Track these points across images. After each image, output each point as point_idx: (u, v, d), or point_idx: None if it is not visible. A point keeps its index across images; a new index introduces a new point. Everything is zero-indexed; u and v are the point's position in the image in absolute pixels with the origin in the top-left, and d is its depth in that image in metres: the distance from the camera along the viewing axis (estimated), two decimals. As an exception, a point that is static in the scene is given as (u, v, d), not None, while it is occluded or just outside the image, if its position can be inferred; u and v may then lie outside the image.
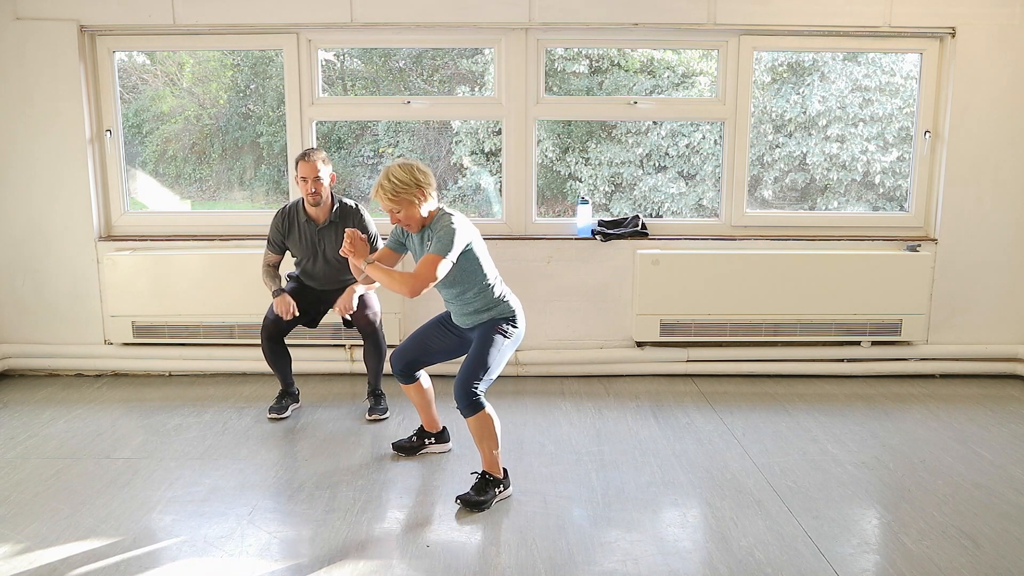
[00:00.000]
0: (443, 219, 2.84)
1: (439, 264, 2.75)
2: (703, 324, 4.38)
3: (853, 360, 4.46)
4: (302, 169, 3.58)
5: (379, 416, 3.76)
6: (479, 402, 2.83)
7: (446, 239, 2.77)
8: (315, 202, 3.64)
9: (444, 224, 2.81)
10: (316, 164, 3.58)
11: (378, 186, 2.81)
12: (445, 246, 2.76)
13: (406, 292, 2.76)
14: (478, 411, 2.83)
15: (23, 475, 3.14)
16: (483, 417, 2.85)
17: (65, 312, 4.47)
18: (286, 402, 3.84)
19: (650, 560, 2.51)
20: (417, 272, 2.76)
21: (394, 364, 3.15)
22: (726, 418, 3.80)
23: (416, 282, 2.75)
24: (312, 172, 3.57)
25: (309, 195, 3.61)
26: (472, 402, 2.82)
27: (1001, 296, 4.51)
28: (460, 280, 2.90)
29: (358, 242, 2.87)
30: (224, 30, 4.30)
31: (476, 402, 2.83)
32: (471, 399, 2.82)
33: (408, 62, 6.87)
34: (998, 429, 3.68)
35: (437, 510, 2.86)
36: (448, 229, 2.78)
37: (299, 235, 3.72)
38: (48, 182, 4.36)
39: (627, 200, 6.97)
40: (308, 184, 3.58)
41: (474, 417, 2.84)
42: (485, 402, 2.86)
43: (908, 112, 6.41)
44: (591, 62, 6.90)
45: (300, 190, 3.65)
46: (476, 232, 2.93)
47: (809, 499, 2.93)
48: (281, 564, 2.49)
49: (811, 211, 6.55)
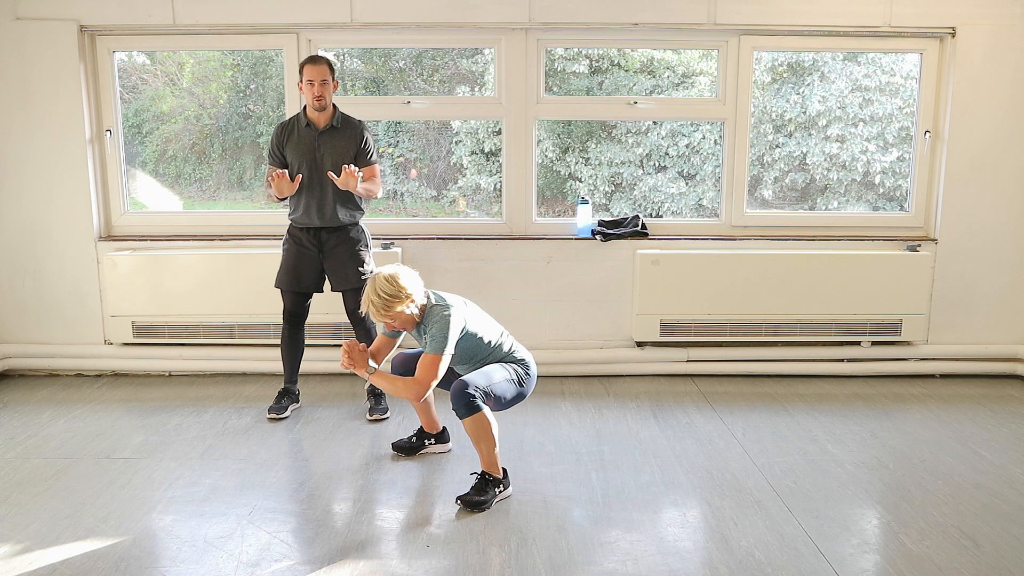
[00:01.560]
0: (433, 312, 2.92)
1: (438, 364, 2.86)
2: (703, 324, 4.38)
3: (853, 360, 4.46)
4: (309, 72, 3.59)
5: (380, 416, 3.76)
6: (475, 404, 2.83)
7: (439, 336, 2.86)
8: (320, 106, 3.63)
9: (435, 319, 2.89)
10: (324, 67, 3.60)
11: (368, 303, 2.88)
12: (440, 344, 2.86)
13: (411, 398, 2.92)
14: (474, 412, 2.83)
15: (23, 475, 3.14)
16: (479, 419, 2.84)
17: (65, 312, 4.47)
18: (286, 402, 3.84)
19: (650, 560, 2.51)
20: (418, 377, 2.88)
21: (394, 367, 3.16)
22: (726, 418, 3.80)
23: (419, 387, 2.89)
24: (320, 75, 3.59)
25: (315, 99, 3.61)
26: (468, 403, 2.82)
27: (1001, 296, 4.51)
28: (465, 358, 3.02)
29: (356, 353, 2.94)
30: (224, 30, 4.30)
31: (472, 404, 2.82)
32: (467, 400, 2.82)
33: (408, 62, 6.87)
34: (998, 429, 3.68)
35: (437, 510, 2.86)
36: (441, 325, 2.87)
37: (298, 139, 3.70)
38: (48, 182, 4.36)
39: (627, 200, 6.97)
40: (315, 87, 3.59)
41: (470, 418, 2.84)
42: (482, 404, 2.85)
43: (908, 112, 6.41)
44: (591, 62, 6.89)
45: (305, 94, 3.64)
46: (471, 309, 3.02)
47: (809, 499, 2.93)
48: (281, 564, 2.49)
49: (811, 211, 6.55)
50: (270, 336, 4.36)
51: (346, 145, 3.73)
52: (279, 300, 4.30)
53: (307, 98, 3.65)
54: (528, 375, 3.06)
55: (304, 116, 3.71)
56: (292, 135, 3.71)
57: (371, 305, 2.87)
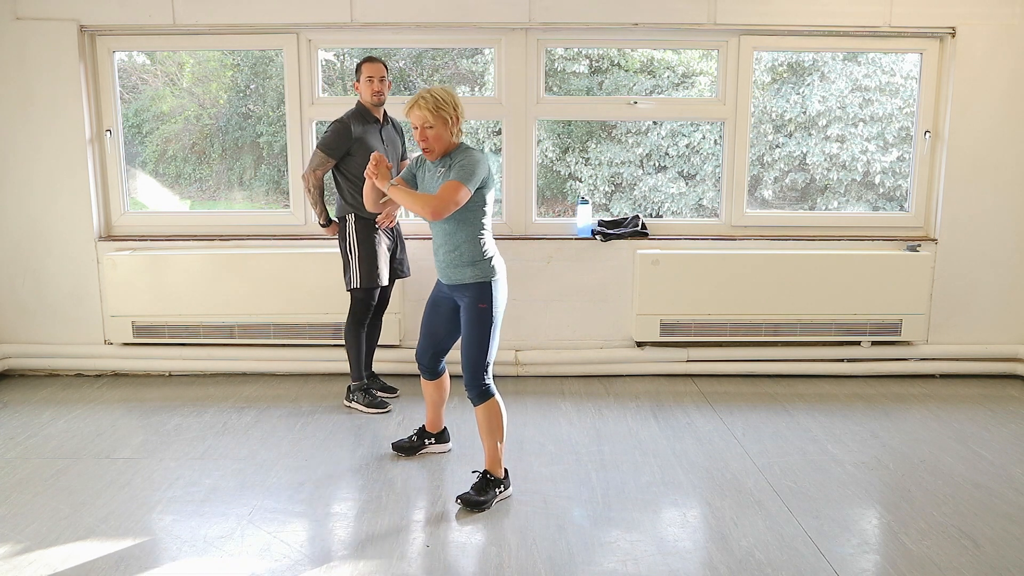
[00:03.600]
0: (468, 150, 2.88)
1: (461, 190, 2.77)
2: (703, 324, 4.38)
3: (853, 360, 4.46)
4: (369, 69, 3.74)
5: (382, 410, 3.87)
6: (489, 390, 2.89)
7: (470, 168, 2.80)
8: (380, 102, 3.79)
9: (468, 154, 2.85)
10: (382, 65, 3.77)
11: (418, 98, 2.82)
12: (468, 174, 2.79)
13: (428, 214, 2.78)
14: (488, 399, 2.89)
15: (23, 475, 3.14)
16: (492, 405, 2.90)
17: (65, 312, 4.47)
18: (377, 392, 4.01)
19: (650, 560, 2.51)
20: (440, 195, 2.77)
21: (420, 363, 3.16)
22: (726, 418, 3.80)
23: (439, 203, 2.76)
24: (379, 72, 3.75)
25: (375, 95, 3.75)
26: (483, 391, 2.88)
27: (1001, 296, 4.51)
28: (460, 216, 2.87)
29: (382, 165, 2.91)
30: (224, 30, 4.30)
31: (487, 390, 2.89)
32: (481, 387, 2.88)
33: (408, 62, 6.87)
34: (998, 429, 3.68)
35: (437, 510, 2.86)
36: (473, 159, 2.82)
37: (372, 133, 3.80)
38: (48, 182, 4.36)
39: (627, 200, 6.97)
40: (374, 83, 3.74)
41: (484, 405, 2.89)
42: (495, 391, 2.91)
43: (908, 112, 6.41)
44: (591, 62, 6.90)
45: (363, 91, 3.76)
46: (493, 176, 2.95)
47: (809, 499, 2.93)
48: (281, 564, 2.49)
49: (811, 211, 6.55)
50: (270, 336, 4.36)
51: (397, 139, 3.96)
52: (279, 300, 4.32)
53: (366, 95, 3.77)
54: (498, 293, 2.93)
55: (365, 112, 3.80)
56: (362, 130, 3.78)
57: (420, 100, 2.80)
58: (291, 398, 4.07)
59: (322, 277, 4.28)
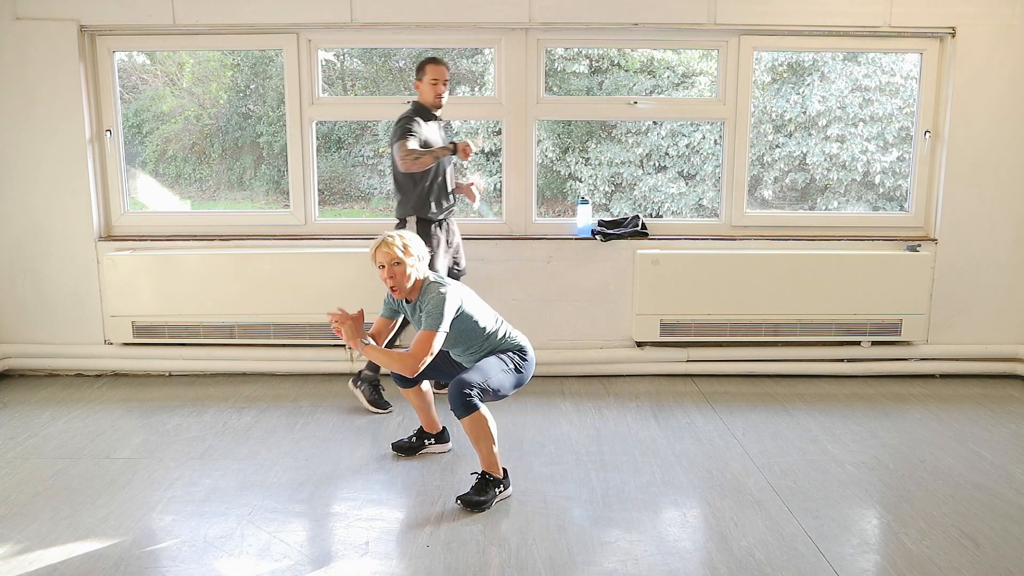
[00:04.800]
0: (430, 289, 2.92)
1: (433, 339, 2.85)
2: (703, 324, 4.38)
3: (853, 360, 4.46)
4: (435, 72, 3.76)
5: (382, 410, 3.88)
6: (472, 403, 2.82)
7: (436, 312, 2.85)
8: (441, 106, 3.82)
9: (432, 295, 2.89)
10: (445, 68, 3.79)
11: (382, 242, 2.90)
12: (435, 320, 2.85)
13: (405, 372, 2.87)
14: (471, 412, 2.83)
15: (23, 475, 3.14)
16: (477, 418, 2.84)
17: (65, 312, 4.47)
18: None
19: (650, 560, 2.51)
20: (413, 351, 2.86)
21: (395, 374, 3.16)
22: (726, 418, 3.80)
23: (413, 361, 2.85)
24: (445, 75, 3.78)
25: (438, 97, 3.78)
26: (465, 402, 2.82)
27: (1001, 296, 4.51)
28: (461, 340, 3.00)
29: (349, 322, 2.93)
30: (224, 30, 4.30)
31: (469, 403, 2.82)
32: (464, 399, 2.82)
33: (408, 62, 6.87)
34: (998, 429, 3.68)
35: (437, 510, 2.86)
36: (437, 301, 2.87)
37: (433, 131, 3.81)
38: (48, 182, 4.36)
39: (627, 200, 6.98)
40: (439, 86, 3.77)
41: (468, 418, 2.83)
42: (479, 404, 2.84)
43: (908, 112, 6.41)
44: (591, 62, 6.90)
45: (425, 92, 3.78)
46: (467, 292, 3.02)
47: (809, 499, 2.93)
48: (281, 564, 2.49)
49: (811, 211, 6.55)
50: (270, 336, 4.36)
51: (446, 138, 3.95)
52: (279, 300, 4.32)
53: (428, 96, 3.79)
54: (525, 360, 3.04)
55: (425, 112, 3.81)
56: (429, 129, 3.79)
57: (386, 242, 2.86)
58: (291, 398, 4.07)
59: (322, 277, 4.28)
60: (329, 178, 6.79)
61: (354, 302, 4.26)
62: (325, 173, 6.69)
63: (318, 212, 4.59)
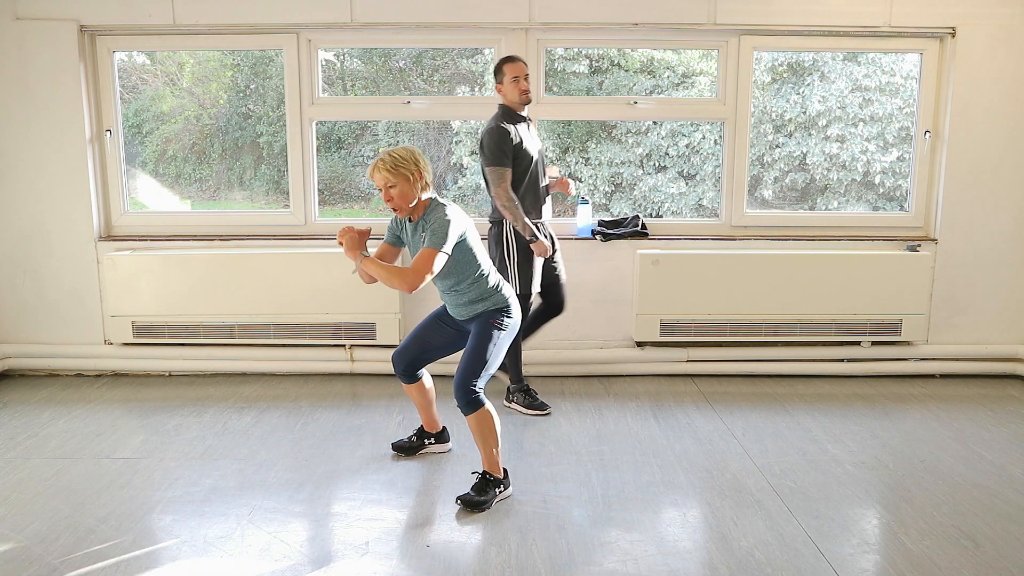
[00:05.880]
0: (437, 210, 2.84)
1: (435, 257, 2.75)
2: (703, 324, 4.38)
3: (853, 360, 4.46)
4: (515, 69, 3.71)
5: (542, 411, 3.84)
6: (479, 400, 2.84)
7: (440, 232, 2.77)
8: (528, 101, 3.77)
9: (438, 216, 2.81)
10: (524, 63, 3.75)
11: (377, 161, 2.82)
12: (440, 239, 2.76)
13: (404, 287, 2.75)
14: (477, 409, 2.84)
15: (23, 475, 3.14)
16: (483, 415, 2.85)
17: (65, 312, 4.47)
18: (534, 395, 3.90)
19: (650, 560, 2.51)
20: (414, 267, 2.76)
21: (395, 364, 3.16)
22: (726, 418, 3.80)
23: (414, 276, 2.74)
24: (524, 70, 3.73)
25: (523, 93, 3.72)
26: (472, 400, 2.83)
27: (1001, 296, 4.51)
28: (454, 271, 2.90)
29: (353, 235, 2.87)
30: (224, 30, 4.30)
31: (476, 400, 2.84)
32: (470, 397, 2.83)
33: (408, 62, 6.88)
34: (998, 429, 3.68)
35: (437, 510, 2.86)
36: (442, 221, 2.79)
37: (527, 135, 3.76)
38: (48, 182, 4.36)
39: (627, 200, 6.98)
40: (520, 82, 3.71)
41: (474, 415, 2.85)
42: (485, 400, 2.87)
43: (908, 112, 6.41)
44: (591, 62, 6.90)
45: (509, 91, 3.72)
46: (470, 223, 2.93)
47: (809, 499, 2.93)
48: (281, 564, 2.49)
49: (811, 211, 6.56)
50: (270, 336, 4.36)
51: (537, 137, 3.89)
52: (279, 300, 4.32)
53: (514, 95, 3.72)
54: (510, 317, 2.97)
55: (511, 113, 3.75)
56: (521, 132, 3.74)
57: (379, 162, 2.81)
58: (291, 398, 4.08)
59: (322, 277, 4.28)
60: (329, 178, 6.80)
61: (355, 302, 4.29)
62: (325, 173, 6.70)
63: (318, 212, 4.59)
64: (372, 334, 4.34)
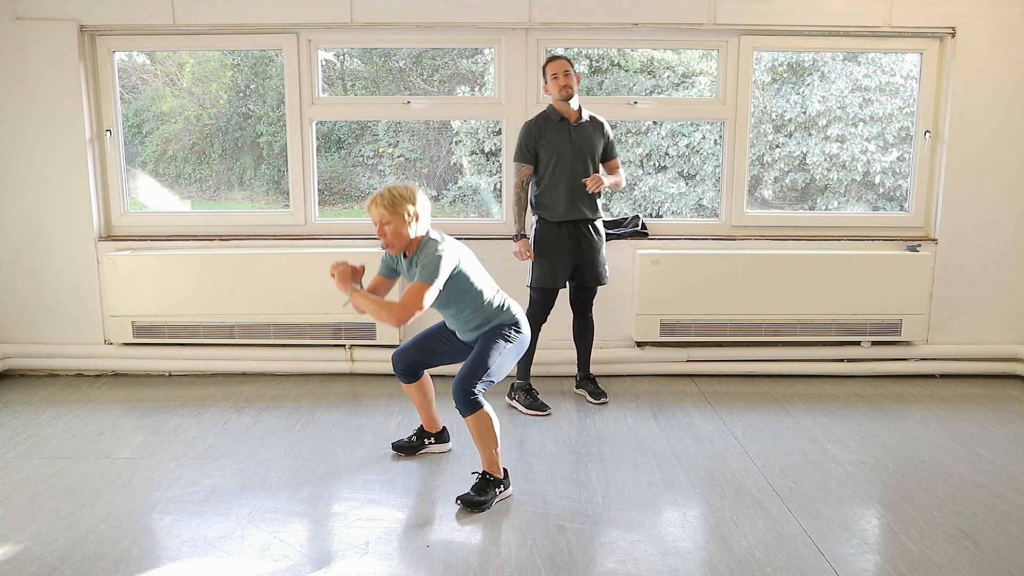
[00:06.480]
0: (428, 246, 2.85)
1: (425, 293, 2.77)
2: (703, 324, 4.38)
3: (853, 360, 4.46)
4: (553, 67, 3.75)
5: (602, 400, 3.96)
6: (477, 401, 2.84)
7: (431, 267, 2.79)
8: (567, 96, 3.77)
9: (429, 251, 2.83)
10: (565, 61, 3.76)
11: (377, 196, 2.84)
12: (430, 274, 2.79)
13: (392, 322, 2.77)
14: (476, 410, 2.84)
15: (23, 475, 3.14)
16: (481, 416, 2.86)
17: (65, 312, 4.47)
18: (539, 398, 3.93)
19: (650, 560, 2.51)
20: (403, 301, 2.77)
21: (395, 363, 3.16)
22: (726, 418, 3.80)
23: (401, 311, 2.76)
24: (563, 67, 3.74)
25: (562, 89, 3.74)
26: (470, 401, 2.83)
27: (1001, 296, 4.51)
28: (455, 300, 2.93)
29: (343, 268, 2.88)
30: (224, 30, 4.30)
31: (474, 401, 2.84)
32: (468, 398, 2.83)
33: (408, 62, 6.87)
34: (998, 429, 3.68)
35: (437, 510, 2.86)
36: (433, 256, 2.80)
37: (553, 134, 3.80)
38: (48, 182, 4.36)
39: (627, 200, 6.98)
40: (560, 79, 3.74)
41: (472, 416, 2.85)
42: (483, 401, 2.87)
43: (908, 112, 6.41)
44: (591, 62, 6.90)
45: (552, 89, 3.77)
46: (465, 252, 2.95)
47: (809, 499, 2.93)
48: (281, 564, 2.49)
49: (811, 211, 6.56)
50: (270, 336, 4.36)
51: (595, 139, 3.90)
52: (279, 300, 4.32)
53: (554, 92, 3.78)
54: (520, 332, 3.00)
55: (552, 113, 3.82)
56: (546, 131, 3.80)
57: (378, 197, 2.82)
58: (291, 398, 4.08)
59: (322, 277, 4.26)
60: (329, 178, 6.79)
61: (354, 302, 4.28)
62: (325, 173, 6.69)
63: (318, 212, 4.59)
64: (372, 334, 4.34)
